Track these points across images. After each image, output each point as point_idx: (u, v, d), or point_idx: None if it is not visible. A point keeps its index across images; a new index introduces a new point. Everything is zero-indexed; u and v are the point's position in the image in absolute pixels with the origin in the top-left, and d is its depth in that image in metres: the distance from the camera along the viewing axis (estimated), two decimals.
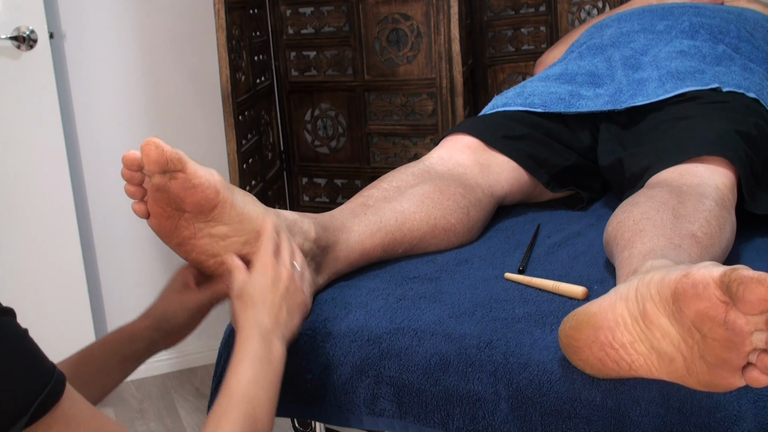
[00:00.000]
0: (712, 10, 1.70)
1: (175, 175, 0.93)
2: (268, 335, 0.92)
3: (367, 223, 1.19)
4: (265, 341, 0.91)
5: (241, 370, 0.87)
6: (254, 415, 0.85)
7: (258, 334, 0.91)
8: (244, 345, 0.90)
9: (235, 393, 0.85)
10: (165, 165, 0.92)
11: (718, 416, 0.87)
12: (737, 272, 0.74)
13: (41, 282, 2.23)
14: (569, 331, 0.90)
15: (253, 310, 0.92)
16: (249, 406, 0.85)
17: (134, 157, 0.93)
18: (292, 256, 1.00)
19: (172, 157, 0.91)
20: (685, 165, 1.22)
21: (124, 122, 2.37)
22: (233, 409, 0.84)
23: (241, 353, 0.89)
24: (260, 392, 0.87)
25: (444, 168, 1.36)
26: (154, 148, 0.90)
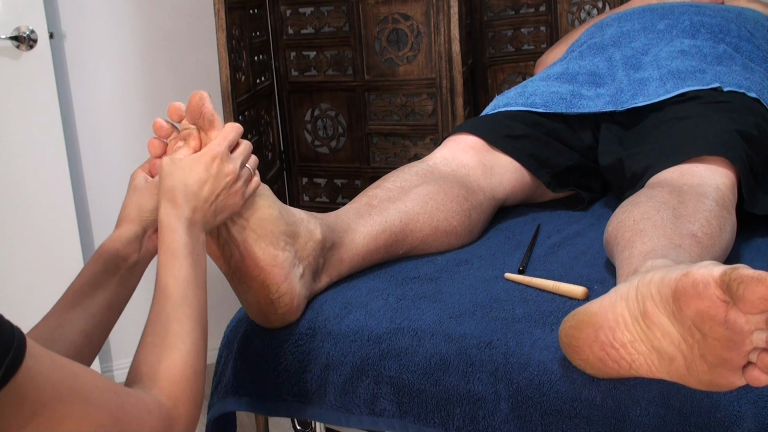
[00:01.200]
0: (712, 10, 1.70)
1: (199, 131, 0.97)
2: (193, 228, 0.90)
3: (372, 223, 1.19)
4: (192, 234, 0.90)
5: (176, 268, 0.86)
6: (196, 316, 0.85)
7: (184, 226, 0.89)
8: (171, 238, 0.88)
9: (174, 294, 0.85)
10: (198, 117, 0.95)
11: (718, 416, 0.87)
12: (737, 271, 0.74)
13: (41, 282, 2.22)
14: (569, 330, 0.90)
15: (182, 196, 0.90)
16: (191, 308, 0.85)
17: (179, 107, 0.98)
18: (247, 156, 0.99)
19: (207, 113, 0.95)
20: (685, 165, 1.22)
21: (124, 122, 2.37)
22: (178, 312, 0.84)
23: (171, 249, 0.87)
24: (197, 290, 0.87)
25: (447, 168, 1.36)
26: (198, 98, 0.95)
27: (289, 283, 1.05)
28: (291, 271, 1.05)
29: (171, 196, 0.91)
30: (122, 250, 0.98)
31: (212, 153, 0.93)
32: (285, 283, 1.05)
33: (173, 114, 0.98)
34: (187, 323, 0.84)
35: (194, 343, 0.84)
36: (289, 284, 1.05)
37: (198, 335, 0.85)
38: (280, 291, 1.05)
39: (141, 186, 1.02)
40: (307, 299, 1.12)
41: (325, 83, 2.23)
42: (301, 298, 1.09)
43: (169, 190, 0.91)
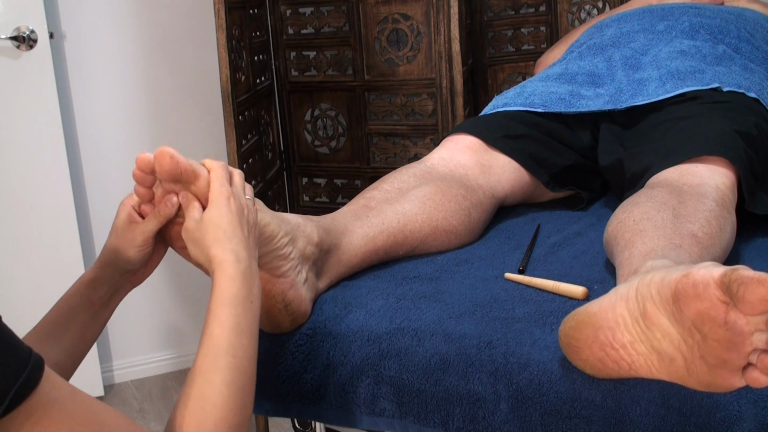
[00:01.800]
0: (712, 11, 1.70)
1: (186, 186, 0.91)
2: (249, 272, 0.87)
3: (369, 225, 1.19)
4: (247, 281, 0.86)
5: (224, 316, 0.82)
6: (238, 368, 0.81)
7: (240, 272, 0.85)
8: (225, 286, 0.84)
9: (218, 343, 0.81)
10: (179, 176, 0.89)
11: (718, 416, 0.87)
12: (737, 272, 0.74)
13: (41, 282, 2.23)
14: (569, 330, 0.90)
15: (229, 244, 0.86)
16: (234, 359, 0.81)
17: (148, 159, 0.90)
18: (243, 187, 0.95)
19: (186, 169, 0.89)
20: (685, 165, 1.22)
21: (124, 122, 2.37)
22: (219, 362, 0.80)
23: (222, 297, 0.83)
24: (244, 340, 0.83)
25: (445, 169, 1.36)
26: (168, 159, 0.87)
27: (295, 291, 1.05)
28: (295, 278, 1.05)
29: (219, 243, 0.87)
30: (98, 288, 0.97)
31: (224, 195, 0.89)
32: (291, 290, 1.05)
33: (144, 167, 0.91)
34: (227, 375, 0.80)
35: (233, 396, 0.79)
36: (295, 291, 1.05)
37: (239, 389, 0.80)
38: (287, 299, 1.05)
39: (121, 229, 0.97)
40: (313, 301, 1.12)
41: (325, 83, 2.23)
42: (308, 302, 1.09)
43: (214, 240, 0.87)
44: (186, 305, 2.54)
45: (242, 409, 0.80)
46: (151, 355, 2.54)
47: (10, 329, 0.64)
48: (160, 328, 2.54)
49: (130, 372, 2.52)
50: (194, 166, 0.89)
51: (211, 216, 0.88)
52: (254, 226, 0.93)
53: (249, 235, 0.90)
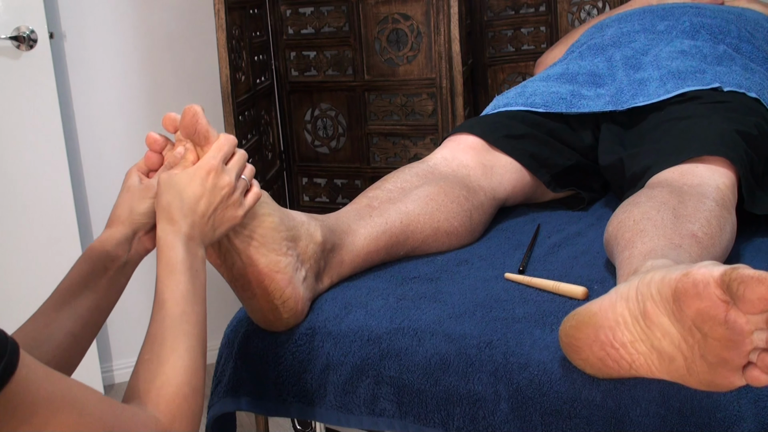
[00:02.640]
0: (712, 11, 1.70)
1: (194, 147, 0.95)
2: (191, 243, 0.89)
3: (372, 225, 1.19)
4: (190, 250, 0.88)
5: (173, 283, 0.85)
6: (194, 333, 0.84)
7: (182, 242, 0.88)
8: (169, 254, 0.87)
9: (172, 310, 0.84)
10: (192, 133, 0.93)
11: (719, 416, 0.87)
12: (737, 271, 0.74)
13: (41, 281, 2.22)
14: (570, 330, 0.90)
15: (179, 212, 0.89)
16: (188, 325, 0.84)
17: (174, 117, 0.96)
18: (242, 167, 0.97)
19: (201, 128, 0.93)
20: (685, 165, 1.22)
21: (124, 122, 2.37)
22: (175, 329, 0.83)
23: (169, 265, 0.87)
24: (196, 306, 0.86)
25: (448, 169, 1.36)
26: (191, 115, 0.92)
27: (293, 288, 1.05)
28: (294, 275, 1.05)
29: (168, 213, 0.90)
30: (112, 251, 0.97)
31: (206, 167, 0.92)
32: (289, 287, 1.05)
33: (168, 125, 0.96)
34: (185, 340, 0.83)
35: (192, 359, 0.83)
36: (293, 289, 1.05)
37: (196, 352, 0.84)
38: (285, 296, 1.05)
39: (134, 187, 1.00)
40: (311, 301, 1.12)
41: (325, 83, 2.23)
42: (305, 301, 1.09)
43: (165, 207, 0.90)
44: None
45: (201, 371, 0.84)
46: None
47: None
48: None
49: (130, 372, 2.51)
50: (209, 132, 0.93)
51: (180, 180, 0.91)
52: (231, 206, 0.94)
53: (213, 213, 0.92)
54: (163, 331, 0.83)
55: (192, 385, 0.82)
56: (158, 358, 0.81)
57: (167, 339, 0.82)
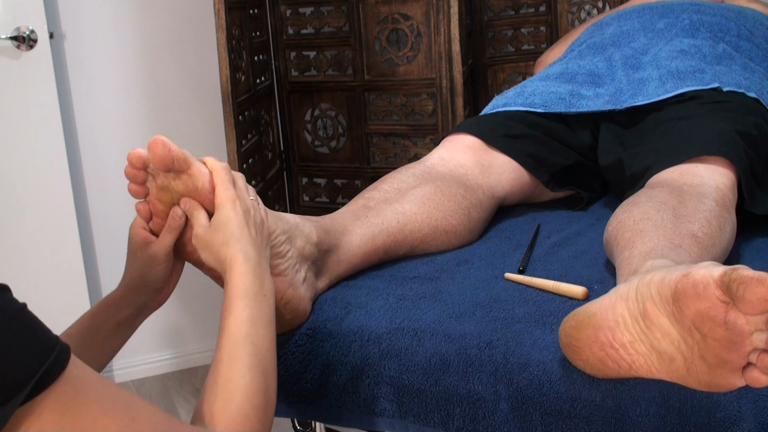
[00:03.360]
0: (712, 8, 1.70)
1: (179, 175, 0.92)
2: (258, 269, 0.89)
3: (368, 225, 1.19)
4: (257, 276, 0.89)
5: (238, 310, 0.85)
6: (258, 354, 0.84)
7: (250, 269, 0.88)
8: (237, 282, 0.87)
9: (235, 334, 0.84)
10: (170, 164, 0.90)
11: (718, 416, 0.87)
12: (737, 272, 0.74)
13: (41, 281, 2.23)
14: (569, 330, 0.90)
15: (238, 244, 0.89)
16: (253, 347, 0.84)
17: (139, 154, 0.92)
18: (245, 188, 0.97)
19: (178, 156, 0.90)
20: (685, 165, 1.22)
21: (124, 122, 2.37)
22: (238, 351, 0.82)
23: (235, 293, 0.86)
24: (260, 329, 0.86)
25: (445, 168, 1.36)
26: (161, 146, 0.89)
27: (293, 289, 1.05)
28: (294, 277, 1.05)
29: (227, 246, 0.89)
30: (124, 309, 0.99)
31: (230, 199, 0.91)
32: (290, 289, 1.05)
33: (136, 162, 0.92)
34: (247, 360, 0.82)
35: (254, 379, 0.82)
36: (294, 290, 1.05)
37: (259, 372, 0.83)
38: (286, 298, 1.05)
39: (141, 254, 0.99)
40: (312, 301, 1.12)
41: (325, 83, 2.23)
42: (307, 301, 1.09)
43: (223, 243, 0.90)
44: (186, 306, 2.54)
45: (266, 391, 0.83)
46: (151, 355, 2.54)
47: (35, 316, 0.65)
48: (160, 328, 2.54)
49: (130, 372, 2.52)
50: (186, 155, 0.91)
51: (220, 220, 0.91)
52: (261, 225, 0.95)
53: (257, 234, 0.93)
54: (225, 355, 0.82)
55: (254, 404, 0.81)
56: (220, 381, 0.81)
57: (229, 361, 0.82)
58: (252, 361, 0.83)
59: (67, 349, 0.66)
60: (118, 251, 2.64)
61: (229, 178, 0.93)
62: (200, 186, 0.92)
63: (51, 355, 0.64)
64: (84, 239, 2.34)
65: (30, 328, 0.64)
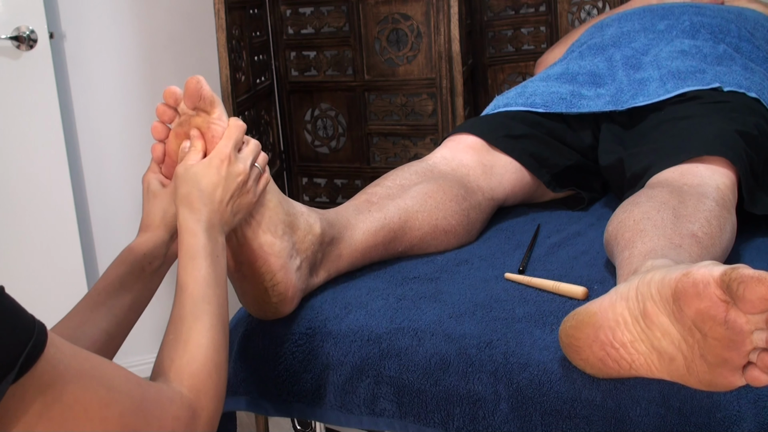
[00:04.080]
0: (712, 10, 1.70)
1: (200, 113, 0.97)
2: (212, 230, 0.92)
3: (371, 220, 1.19)
4: (211, 237, 0.92)
5: (194, 269, 0.89)
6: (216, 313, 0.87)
7: (203, 229, 0.91)
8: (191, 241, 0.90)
9: (194, 293, 0.87)
10: (198, 101, 0.96)
11: (719, 416, 0.87)
12: (737, 271, 0.74)
13: (41, 281, 2.22)
14: (570, 330, 0.90)
15: (199, 201, 0.93)
16: (210, 306, 0.87)
17: (174, 91, 0.99)
18: (255, 155, 1.01)
19: (207, 95, 0.96)
20: (685, 165, 1.22)
21: (123, 122, 2.37)
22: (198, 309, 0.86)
23: (190, 251, 0.90)
24: (216, 290, 0.89)
25: (447, 168, 1.37)
26: (195, 82, 0.95)
27: (284, 272, 1.05)
28: (288, 261, 1.05)
29: (188, 202, 0.93)
30: (149, 254, 1.01)
31: (220, 156, 0.96)
32: (281, 272, 1.04)
33: (169, 98, 1.00)
34: (207, 320, 0.86)
35: (214, 338, 0.85)
36: (284, 273, 1.05)
37: (218, 331, 0.87)
38: (275, 279, 1.05)
39: (160, 191, 1.04)
40: (303, 293, 1.11)
41: (325, 83, 2.23)
42: (297, 290, 1.09)
43: (185, 197, 0.93)
44: None
45: (224, 349, 0.87)
46: (151, 355, 2.53)
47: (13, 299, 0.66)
48: (160, 328, 2.54)
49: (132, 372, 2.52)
50: (215, 98, 0.97)
51: (196, 171, 0.95)
52: (243, 193, 0.98)
53: (230, 200, 0.96)
54: (185, 313, 0.86)
55: (215, 362, 0.84)
56: (181, 338, 0.84)
57: (189, 319, 0.85)
58: (212, 320, 0.86)
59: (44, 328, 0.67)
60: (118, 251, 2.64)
61: (236, 138, 0.98)
62: (212, 128, 0.97)
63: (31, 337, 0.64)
64: (84, 239, 2.34)
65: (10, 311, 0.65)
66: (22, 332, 0.64)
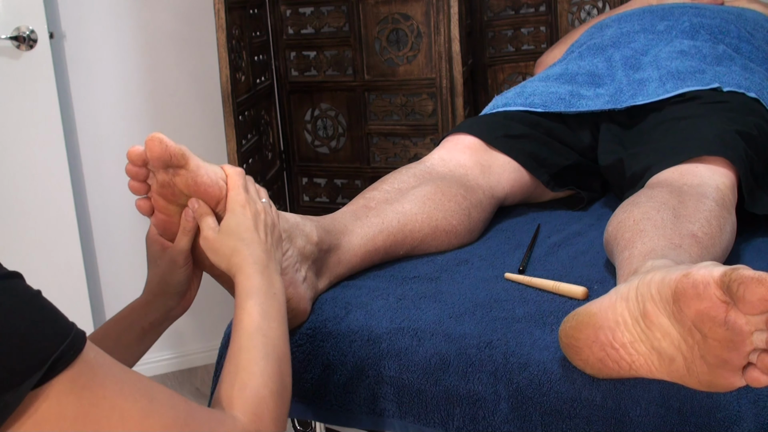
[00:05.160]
0: (712, 11, 1.70)
1: (177, 171, 0.92)
2: (267, 270, 0.91)
3: (369, 225, 1.19)
4: (266, 276, 0.91)
5: (249, 306, 0.88)
6: (271, 344, 0.86)
7: (258, 271, 0.90)
8: (246, 284, 0.89)
9: (248, 328, 0.86)
10: (168, 160, 0.90)
11: (718, 416, 0.87)
12: (737, 272, 0.74)
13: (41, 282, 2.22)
14: (569, 330, 0.90)
15: (247, 249, 0.91)
16: (265, 338, 0.86)
17: (139, 152, 0.93)
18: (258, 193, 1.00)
19: (175, 152, 0.90)
20: (685, 165, 1.22)
21: (124, 122, 2.37)
22: (251, 342, 0.85)
23: (245, 292, 0.89)
24: (272, 323, 0.88)
25: (445, 169, 1.36)
26: (158, 143, 0.89)
27: (293, 288, 1.05)
28: (294, 276, 1.05)
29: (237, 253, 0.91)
30: (149, 315, 1.01)
31: (240, 203, 0.94)
32: (290, 288, 1.05)
33: (136, 160, 0.93)
34: (261, 349, 0.85)
35: (268, 365, 0.84)
36: (294, 289, 1.05)
37: (273, 360, 0.85)
38: (287, 296, 1.05)
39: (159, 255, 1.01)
40: (312, 301, 1.12)
41: (325, 83, 2.23)
42: (307, 300, 1.09)
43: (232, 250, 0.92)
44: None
45: (281, 377, 0.85)
46: (151, 355, 2.53)
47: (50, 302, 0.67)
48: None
49: None
50: (183, 150, 0.91)
51: (229, 224, 0.93)
52: (272, 228, 0.97)
53: (267, 237, 0.95)
54: (239, 347, 0.85)
55: (270, 388, 0.83)
56: (235, 369, 0.83)
57: (243, 352, 0.84)
58: (265, 350, 0.85)
59: (82, 333, 0.66)
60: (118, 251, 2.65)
61: (242, 183, 0.96)
62: (200, 180, 0.92)
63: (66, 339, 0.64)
64: (84, 239, 2.34)
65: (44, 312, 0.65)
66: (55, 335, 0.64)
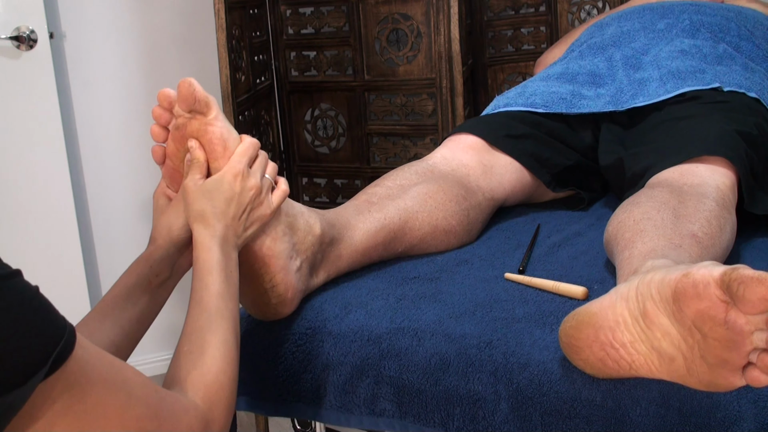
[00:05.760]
0: (712, 8, 1.70)
1: (196, 116, 0.96)
2: (226, 245, 0.94)
3: (371, 220, 1.19)
4: (225, 253, 0.94)
5: (209, 282, 0.91)
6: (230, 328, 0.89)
7: (217, 245, 0.93)
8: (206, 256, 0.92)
9: (208, 306, 0.89)
10: (193, 104, 0.95)
11: (719, 416, 0.87)
12: (737, 272, 0.74)
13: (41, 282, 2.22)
14: (569, 330, 0.90)
15: (213, 218, 0.94)
16: (224, 320, 0.89)
17: (168, 94, 0.98)
18: (264, 167, 1.02)
19: (201, 97, 0.95)
20: (685, 165, 1.22)
21: (124, 122, 2.37)
22: (211, 324, 0.88)
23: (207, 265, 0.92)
24: (229, 304, 0.91)
25: (447, 168, 1.37)
26: (188, 85, 0.94)
27: (284, 274, 1.05)
28: (287, 262, 1.05)
29: (202, 218, 0.95)
30: (155, 267, 1.01)
31: (233, 171, 0.97)
32: (280, 273, 1.04)
33: (163, 101, 0.99)
34: (221, 333, 0.88)
35: (228, 351, 0.88)
36: (284, 275, 1.05)
37: (231, 345, 0.89)
38: (275, 281, 1.05)
39: (165, 206, 1.04)
40: (303, 293, 1.11)
41: (325, 83, 2.23)
42: (296, 291, 1.09)
43: (199, 213, 0.95)
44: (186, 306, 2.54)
45: (235, 362, 0.89)
46: (151, 355, 2.54)
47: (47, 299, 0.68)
48: (160, 328, 2.53)
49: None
50: (209, 99, 0.96)
51: (210, 186, 0.96)
52: (260, 205, 0.99)
53: (243, 215, 0.97)
54: (199, 326, 0.88)
55: (228, 375, 0.86)
56: (197, 350, 0.86)
57: (204, 332, 0.87)
58: (225, 335, 0.88)
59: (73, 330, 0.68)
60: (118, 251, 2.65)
61: (250, 155, 0.99)
62: (210, 129, 0.96)
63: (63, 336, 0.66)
64: (84, 239, 2.33)
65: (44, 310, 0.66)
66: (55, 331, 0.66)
